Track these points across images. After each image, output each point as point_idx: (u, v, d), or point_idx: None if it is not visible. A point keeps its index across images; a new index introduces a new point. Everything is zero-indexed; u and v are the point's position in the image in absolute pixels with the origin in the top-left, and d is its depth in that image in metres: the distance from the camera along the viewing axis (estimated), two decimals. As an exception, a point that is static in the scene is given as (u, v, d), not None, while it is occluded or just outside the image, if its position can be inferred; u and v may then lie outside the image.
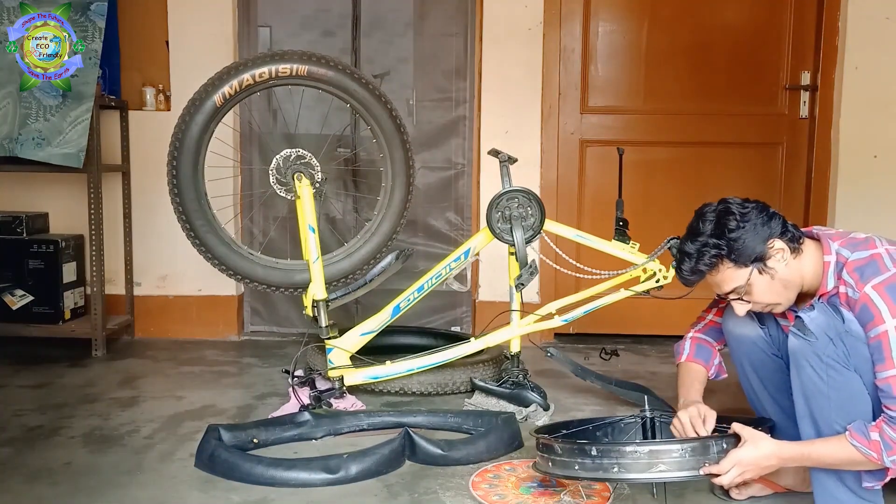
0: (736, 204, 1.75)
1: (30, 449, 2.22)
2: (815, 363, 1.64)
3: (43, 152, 3.06)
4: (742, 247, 1.70)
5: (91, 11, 3.14)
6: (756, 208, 1.74)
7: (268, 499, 1.91)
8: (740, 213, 1.72)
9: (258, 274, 2.69)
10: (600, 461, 1.70)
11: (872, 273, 1.63)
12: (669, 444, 1.72)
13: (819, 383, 1.64)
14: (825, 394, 1.64)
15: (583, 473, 1.73)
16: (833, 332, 1.63)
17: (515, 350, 2.64)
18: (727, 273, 1.74)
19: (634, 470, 1.69)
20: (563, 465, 1.77)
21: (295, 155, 2.63)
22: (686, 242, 1.77)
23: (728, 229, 1.71)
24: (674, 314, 3.08)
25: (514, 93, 3.48)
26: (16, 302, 3.29)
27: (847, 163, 3.36)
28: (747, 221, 1.71)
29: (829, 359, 1.63)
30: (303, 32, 3.53)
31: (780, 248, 1.71)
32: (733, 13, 3.53)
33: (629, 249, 2.57)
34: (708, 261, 1.73)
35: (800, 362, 1.67)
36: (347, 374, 2.58)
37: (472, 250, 2.66)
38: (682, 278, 1.81)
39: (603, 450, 1.71)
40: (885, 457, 1.57)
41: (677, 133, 3.54)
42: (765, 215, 1.73)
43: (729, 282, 1.75)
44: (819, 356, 1.63)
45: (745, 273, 1.72)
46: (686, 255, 1.76)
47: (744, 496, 1.91)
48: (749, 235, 1.70)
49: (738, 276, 1.73)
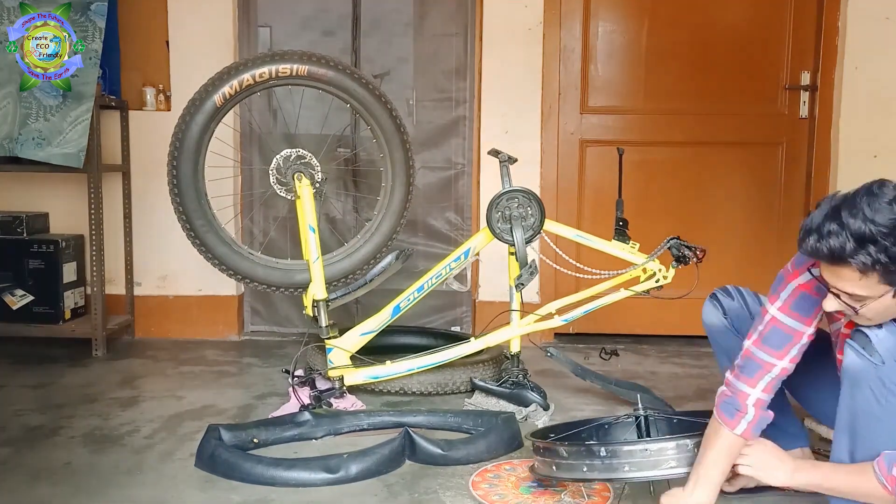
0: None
1: (30, 449, 2.22)
2: (875, 386, 1.52)
3: (43, 152, 3.06)
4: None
5: (91, 11, 3.14)
6: None
7: (268, 498, 1.91)
8: None
9: (258, 274, 2.69)
10: (609, 461, 1.70)
11: None
12: (678, 440, 1.72)
13: (875, 406, 1.54)
14: (878, 416, 1.54)
15: (592, 475, 1.73)
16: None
17: (515, 350, 2.65)
18: (867, 280, 1.46)
19: (645, 468, 1.69)
20: (569, 468, 1.75)
21: (295, 155, 2.64)
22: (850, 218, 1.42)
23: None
24: (674, 314, 3.09)
25: (514, 93, 3.48)
26: (16, 302, 3.29)
27: (847, 163, 3.36)
28: None
29: (891, 383, 1.51)
30: (303, 32, 3.53)
31: None
32: (733, 13, 3.53)
33: (629, 249, 2.57)
34: (867, 262, 1.41)
35: (859, 383, 1.55)
36: (347, 374, 2.59)
37: (472, 250, 2.66)
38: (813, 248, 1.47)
39: (612, 450, 1.70)
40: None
41: (677, 133, 3.54)
42: None
43: (859, 287, 1.47)
44: (882, 381, 1.52)
45: (882, 290, 1.47)
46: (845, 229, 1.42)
47: (734, 488, 1.89)
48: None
49: (875, 288, 1.47)
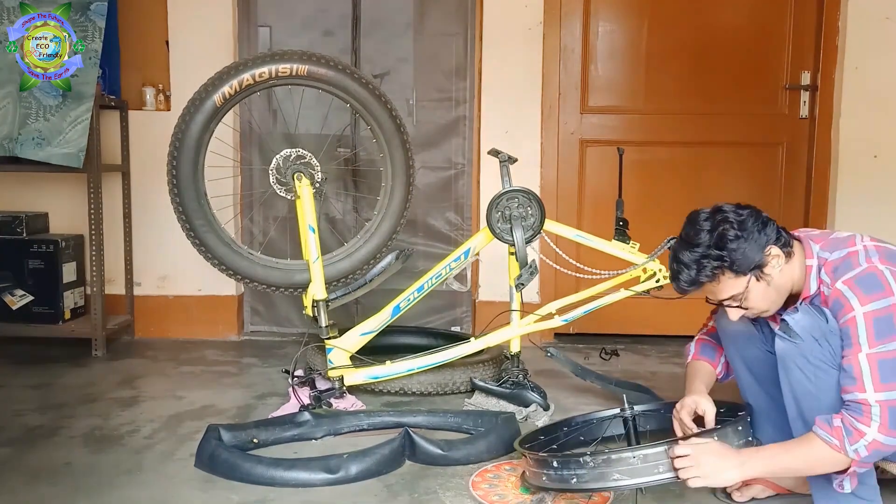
0: (731, 212, 1.71)
1: (30, 449, 2.22)
2: (802, 365, 1.65)
3: (43, 152, 3.06)
4: (742, 257, 1.68)
5: (91, 11, 3.14)
6: (751, 216, 1.71)
7: (268, 499, 1.91)
8: (738, 222, 1.69)
9: (258, 274, 2.69)
10: (599, 470, 1.68)
11: (846, 269, 1.65)
12: (665, 445, 1.69)
13: (807, 384, 1.66)
14: (814, 394, 1.65)
15: (581, 485, 1.71)
16: (818, 332, 1.64)
17: (515, 350, 2.64)
18: (726, 282, 1.71)
19: (636, 475, 1.66)
20: (560, 480, 1.73)
21: (295, 155, 2.64)
22: (682, 252, 1.73)
23: (728, 240, 1.68)
24: (674, 314, 3.09)
25: (514, 93, 3.48)
26: (16, 302, 3.29)
27: (847, 163, 3.36)
28: (746, 231, 1.68)
29: (815, 359, 1.64)
30: (303, 32, 3.53)
31: (776, 255, 1.70)
32: (733, 13, 3.53)
33: (629, 249, 2.57)
34: (709, 272, 1.69)
35: (787, 365, 1.68)
36: (347, 374, 2.58)
37: (472, 250, 2.66)
38: (680, 289, 1.77)
39: (601, 459, 1.68)
40: (846, 444, 1.57)
41: (677, 133, 3.54)
42: (760, 223, 1.71)
43: (727, 290, 1.73)
44: (806, 357, 1.65)
45: (744, 281, 1.70)
46: (684, 266, 1.72)
47: (745, 497, 1.91)
48: (749, 245, 1.68)
49: (737, 284, 1.71)
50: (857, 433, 1.56)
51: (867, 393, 1.56)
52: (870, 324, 1.58)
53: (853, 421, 1.57)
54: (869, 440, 1.55)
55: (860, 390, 1.57)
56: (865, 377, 1.56)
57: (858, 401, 1.57)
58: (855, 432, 1.56)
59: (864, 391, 1.56)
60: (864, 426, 1.56)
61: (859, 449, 1.56)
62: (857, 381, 1.57)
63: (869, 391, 1.56)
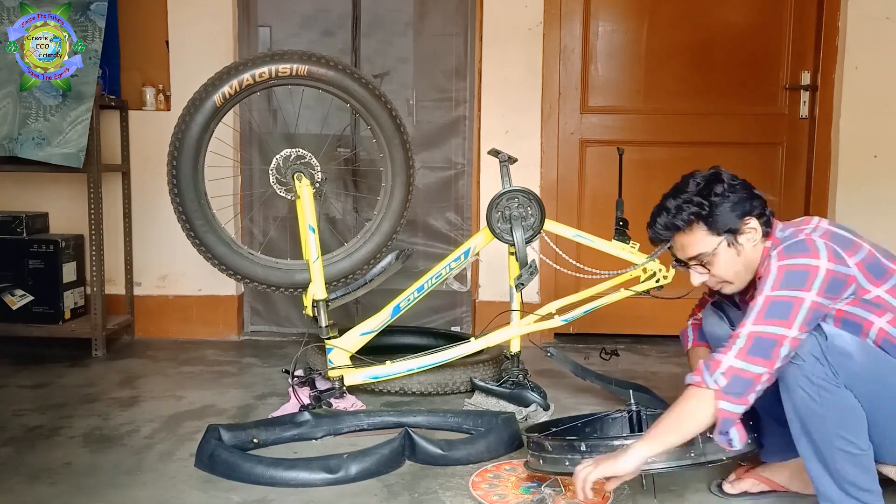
0: (726, 173, 1.79)
1: (30, 449, 2.22)
2: (805, 385, 1.62)
3: (43, 152, 3.06)
4: (721, 213, 1.73)
5: (91, 11, 3.14)
6: (743, 184, 1.79)
7: (268, 499, 1.91)
8: (729, 182, 1.77)
9: (258, 274, 2.69)
10: (590, 456, 1.74)
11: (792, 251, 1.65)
12: None
13: (813, 405, 1.62)
14: (820, 414, 1.62)
15: (574, 469, 1.74)
16: (818, 351, 1.62)
17: (515, 350, 2.64)
18: (698, 235, 1.76)
19: None
20: (553, 462, 1.81)
21: (295, 155, 2.63)
22: (668, 198, 1.80)
23: (714, 192, 1.74)
24: (674, 314, 3.07)
25: (514, 93, 3.48)
26: (16, 302, 3.29)
27: (847, 163, 3.36)
28: (733, 192, 1.75)
29: (818, 379, 1.61)
30: (303, 32, 3.53)
31: (753, 228, 1.75)
32: (733, 13, 3.53)
33: (629, 249, 2.57)
34: (685, 217, 1.75)
35: (790, 386, 1.65)
36: (347, 374, 2.58)
37: (472, 250, 2.66)
38: (654, 232, 1.82)
39: (592, 445, 1.77)
40: (706, 377, 1.59)
41: (677, 133, 3.54)
42: (749, 192, 1.77)
43: (696, 245, 1.77)
44: (809, 378, 1.62)
45: (715, 241, 1.75)
46: (665, 210, 1.79)
47: (736, 490, 1.93)
48: (730, 205, 1.74)
49: (708, 241, 1.76)
50: (715, 363, 1.59)
51: (745, 326, 1.59)
52: (781, 274, 1.61)
53: (715, 356, 1.60)
54: (726, 366, 1.58)
55: (741, 325, 1.60)
56: (752, 313, 1.60)
57: (732, 334, 1.61)
58: (713, 363, 1.60)
59: (744, 325, 1.60)
60: (722, 355, 1.59)
61: (717, 379, 1.58)
62: (748, 317, 1.60)
63: (748, 324, 1.59)
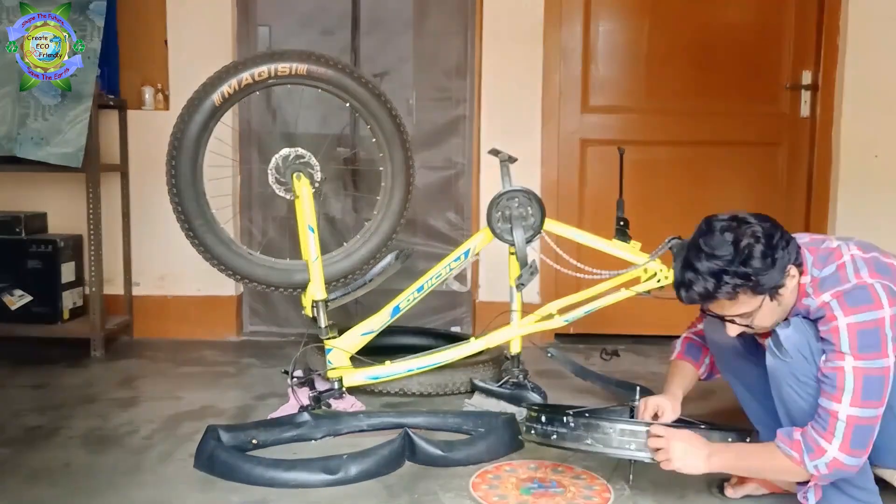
0: (757, 223, 1.61)
1: (29, 449, 2.22)
2: (792, 382, 1.64)
3: (42, 152, 3.05)
4: (767, 278, 1.58)
5: (90, 11, 3.13)
6: (776, 230, 1.62)
7: (267, 499, 1.90)
8: (766, 237, 1.59)
9: (257, 274, 2.68)
10: (576, 432, 1.78)
11: (834, 283, 1.61)
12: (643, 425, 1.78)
13: (799, 401, 1.65)
14: (807, 411, 1.64)
15: (559, 442, 1.82)
16: (807, 350, 1.62)
17: (515, 350, 2.64)
18: (743, 300, 1.62)
19: (608, 445, 1.76)
20: (543, 434, 1.86)
21: (294, 154, 2.63)
22: (700, 261, 1.60)
23: (754, 258, 1.57)
24: (674, 314, 3.05)
25: (515, 92, 3.47)
26: (14, 302, 3.28)
27: (848, 162, 3.35)
28: (773, 249, 1.58)
29: (805, 377, 1.63)
30: (302, 32, 3.52)
31: (793, 276, 1.64)
32: (734, 12, 3.53)
33: (630, 249, 2.57)
34: (731, 290, 1.59)
35: (779, 382, 1.67)
36: (347, 375, 2.58)
37: (472, 250, 2.65)
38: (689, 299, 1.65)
39: (579, 422, 1.80)
40: (805, 459, 1.56)
41: (678, 133, 3.53)
42: (784, 240, 1.61)
43: (740, 308, 1.64)
44: (796, 375, 1.63)
45: (759, 300, 1.62)
46: (700, 276, 1.59)
47: (738, 495, 1.92)
48: (775, 265, 1.58)
49: (752, 303, 1.63)
50: (819, 450, 1.55)
51: (842, 405, 1.54)
52: (853, 335, 1.55)
53: (815, 437, 1.55)
54: (829, 458, 1.55)
55: (836, 400, 1.55)
56: (847, 389, 1.54)
57: (830, 411, 1.55)
58: (816, 449, 1.55)
59: (840, 402, 1.54)
60: (825, 442, 1.55)
61: (819, 466, 1.56)
62: (837, 391, 1.55)
63: (845, 403, 1.54)
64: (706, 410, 2.49)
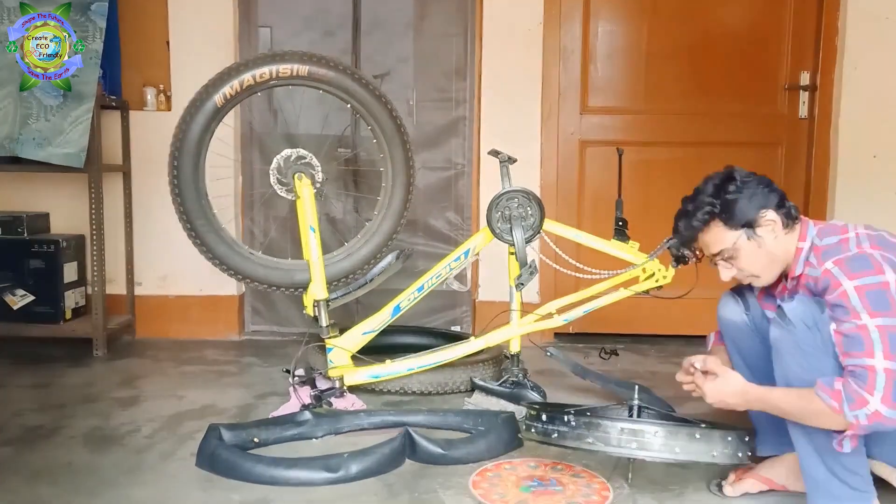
0: (739, 171, 1.84)
1: (30, 449, 2.23)
2: (794, 352, 1.67)
3: (44, 152, 3.06)
4: (735, 209, 1.78)
5: (91, 11, 3.14)
6: (758, 179, 1.82)
7: (268, 498, 1.91)
8: (741, 178, 1.81)
9: (259, 274, 2.69)
10: (577, 431, 1.81)
11: (835, 253, 1.68)
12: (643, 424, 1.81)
13: (800, 372, 1.67)
14: (808, 382, 1.65)
15: (559, 441, 1.84)
16: (811, 320, 1.65)
17: (515, 350, 2.65)
18: (717, 232, 1.81)
19: (609, 443, 1.78)
20: (544, 433, 1.88)
21: (295, 155, 2.64)
22: (687, 202, 1.87)
23: (726, 190, 1.79)
24: (674, 314, 3.09)
25: (514, 93, 3.49)
26: (16, 301, 3.29)
27: (846, 163, 3.36)
28: (746, 187, 1.79)
29: (808, 347, 1.66)
30: (303, 33, 3.53)
31: (771, 220, 1.78)
32: (733, 13, 3.53)
33: (629, 249, 2.58)
34: (701, 216, 1.81)
35: (781, 352, 1.70)
36: (348, 374, 2.59)
37: (472, 250, 2.67)
38: (679, 235, 1.89)
39: (579, 421, 1.82)
40: (846, 408, 1.57)
41: (677, 133, 3.54)
42: (764, 186, 1.81)
43: (717, 242, 1.82)
44: (798, 345, 1.66)
45: (735, 236, 1.79)
46: (684, 214, 1.86)
47: (737, 492, 1.93)
48: (744, 200, 1.78)
49: (727, 237, 1.80)
50: (860, 400, 1.56)
51: (875, 359, 1.56)
52: (863, 296, 1.60)
53: (856, 388, 1.56)
54: (871, 410, 1.55)
55: (868, 356, 1.56)
56: (876, 344, 1.56)
57: (865, 366, 1.56)
58: (857, 399, 1.56)
59: (873, 357, 1.56)
60: (867, 394, 1.55)
61: (860, 416, 1.56)
62: (866, 347, 1.57)
63: (878, 358, 1.56)
64: (706, 410, 2.50)
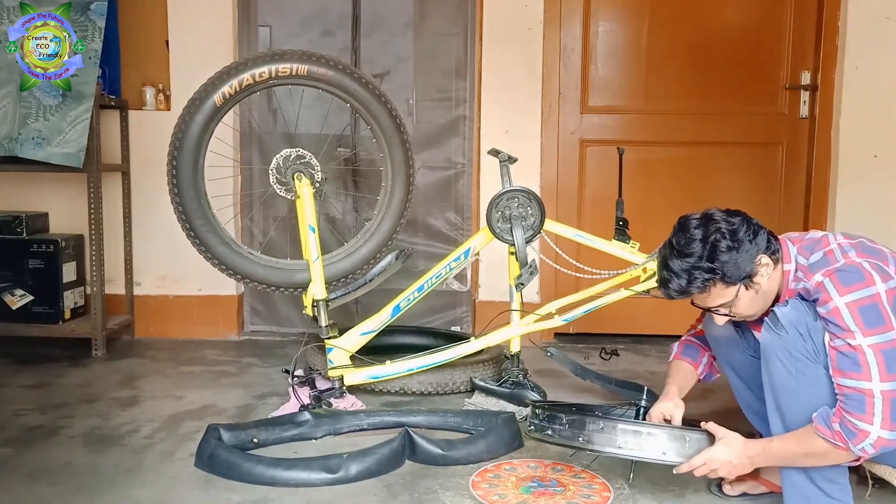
0: (723, 220, 1.70)
1: (30, 449, 2.22)
2: (784, 357, 1.65)
3: (43, 152, 3.06)
4: (734, 268, 1.68)
5: (91, 11, 3.14)
6: (743, 225, 1.70)
7: (268, 498, 1.91)
8: (730, 232, 1.68)
9: (258, 274, 2.69)
10: (570, 431, 1.80)
11: (823, 265, 1.66)
12: (635, 426, 1.79)
13: (787, 378, 1.66)
14: (793, 388, 1.65)
15: (554, 439, 1.84)
16: (803, 327, 1.64)
17: (515, 350, 2.64)
18: (717, 291, 1.72)
19: (601, 443, 1.77)
20: (540, 430, 1.87)
21: (295, 154, 2.63)
22: (673, 260, 1.72)
23: (720, 251, 1.67)
24: (674, 314, 3.08)
25: (514, 93, 3.48)
26: (16, 301, 3.29)
27: (847, 162, 3.36)
28: (738, 242, 1.68)
29: (798, 353, 1.64)
30: (303, 32, 3.53)
31: (765, 264, 1.71)
32: (733, 13, 3.53)
33: (629, 249, 2.57)
34: (700, 284, 1.70)
35: (769, 357, 1.68)
36: (347, 374, 2.58)
37: (472, 250, 2.66)
38: (668, 296, 1.77)
39: (572, 420, 1.82)
40: (851, 446, 1.56)
41: (677, 133, 3.54)
42: (751, 232, 1.70)
43: (717, 300, 1.74)
44: (789, 350, 1.65)
45: (734, 290, 1.72)
46: (674, 275, 1.71)
47: (736, 492, 1.94)
48: (740, 257, 1.68)
49: (727, 293, 1.72)
50: (861, 434, 1.55)
51: (872, 382, 1.54)
52: (855, 313, 1.57)
53: (853, 421, 1.55)
54: (874, 438, 1.54)
55: (865, 378, 1.55)
56: (871, 366, 1.55)
57: (861, 390, 1.55)
58: (858, 433, 1.55)
59: (870, 380, 1.54)
60: (865, 424, 1.54)
61: (865, 447, 1.56)
62: (863, 369, 1.55)
63: (875, 380, 1.54)
64: (706, 410, 2.50)
